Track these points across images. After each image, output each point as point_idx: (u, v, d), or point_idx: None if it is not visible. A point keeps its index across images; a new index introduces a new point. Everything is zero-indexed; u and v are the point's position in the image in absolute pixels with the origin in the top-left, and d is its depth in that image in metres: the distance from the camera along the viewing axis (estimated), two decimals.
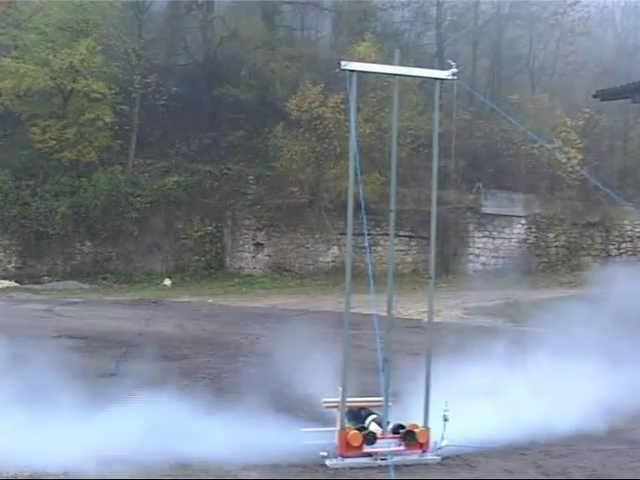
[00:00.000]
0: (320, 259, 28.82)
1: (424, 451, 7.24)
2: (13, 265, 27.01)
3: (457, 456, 7.26)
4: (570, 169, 27.49)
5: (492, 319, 17.57)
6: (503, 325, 16.55)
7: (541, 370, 8.76)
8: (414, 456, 7.21)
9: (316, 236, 28.73)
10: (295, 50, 31.43)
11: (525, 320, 15.62)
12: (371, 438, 7.04)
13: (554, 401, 8.18)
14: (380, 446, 7.04)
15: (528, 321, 14.99)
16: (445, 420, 7.14)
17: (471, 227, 29.36)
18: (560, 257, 29.22)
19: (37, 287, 25.09)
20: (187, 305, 20.88)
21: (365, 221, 6.89)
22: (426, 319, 7.73)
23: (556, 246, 29.35)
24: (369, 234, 24.97)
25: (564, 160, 26.97)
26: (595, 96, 19.63)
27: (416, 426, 7.26)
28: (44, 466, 6.47)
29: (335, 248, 28.60)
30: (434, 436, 7.25)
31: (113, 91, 27.28)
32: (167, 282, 26.64)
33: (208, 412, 7.69)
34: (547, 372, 8.71)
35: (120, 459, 6.59)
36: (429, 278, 7.56)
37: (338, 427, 7.11)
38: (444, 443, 7.23)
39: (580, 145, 28.66)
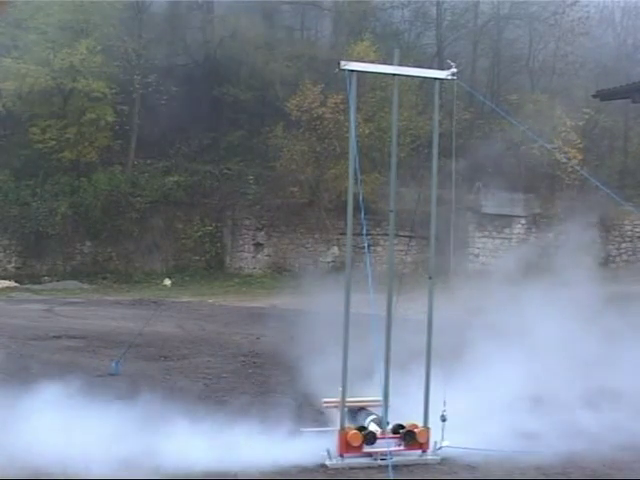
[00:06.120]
0: (320, 259, 28.80)
1: (424, 451, 7.24)
2: (13, 265, 26.98)
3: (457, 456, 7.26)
4: (570, 169, 27.46)
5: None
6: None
7: None
8: (414, 456, 7.21)
9: (316, 236, 28.71)
10: (295, 50, 31.41)
11: None
12: (371, 438, 7.05)
13: None
14: (380, 446, 7.04)
15: None
16: (443, 420, 7.14)
17: (471, 227, 29.33)
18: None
19: (37, 287, 25.06)
20: (187, 305, 20.86)
21: (365, 221, 6.89)
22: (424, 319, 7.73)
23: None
24: (369, 234, 24.95)
25: (564, 160, 26.95)
26: (595, 96, 19.57)
27: (416, 426, 7.26)
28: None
29: (335, 248, 28.58)
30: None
31: (113, 91, 27.28)
32: (167, 282, 26.60)
33: (208, 412, 7.68)
34: None
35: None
36: (429, 278, 7.57)
37: (338, 427, 7.11)
38: (445, 444, 7.23)
39: (580, 145, 28.63)
